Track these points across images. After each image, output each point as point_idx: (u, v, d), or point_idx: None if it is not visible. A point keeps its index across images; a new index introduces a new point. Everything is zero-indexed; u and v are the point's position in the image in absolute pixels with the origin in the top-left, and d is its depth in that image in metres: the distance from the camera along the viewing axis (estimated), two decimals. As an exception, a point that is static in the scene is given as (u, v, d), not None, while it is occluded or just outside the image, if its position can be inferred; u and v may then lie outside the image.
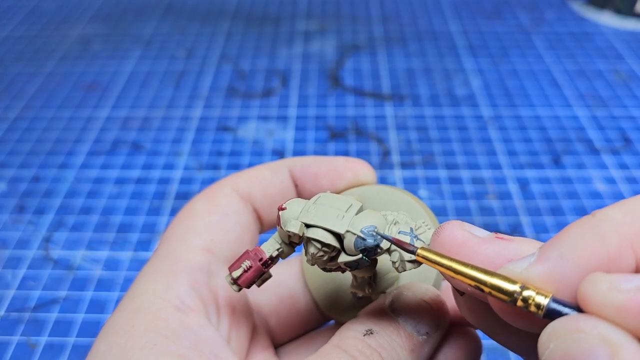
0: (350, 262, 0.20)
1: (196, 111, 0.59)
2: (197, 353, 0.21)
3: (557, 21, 0.74)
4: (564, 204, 0.46)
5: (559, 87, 0.61)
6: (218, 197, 0.26)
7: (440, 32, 0.73)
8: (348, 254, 0.20)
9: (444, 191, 0.48)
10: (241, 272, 0.22)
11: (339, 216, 0.20)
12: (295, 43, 0.71)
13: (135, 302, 0.22)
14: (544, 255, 0.16)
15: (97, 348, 0.21)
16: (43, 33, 0.75)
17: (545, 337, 0.15)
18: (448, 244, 0.18)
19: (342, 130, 0.55)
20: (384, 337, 0.21)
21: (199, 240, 0.25)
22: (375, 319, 0.22)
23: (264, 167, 0.27)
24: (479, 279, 0.16)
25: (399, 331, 0.21)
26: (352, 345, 0.21)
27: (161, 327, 0.21)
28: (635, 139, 0.53)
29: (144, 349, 0.20)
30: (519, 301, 0.15)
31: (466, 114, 0.57)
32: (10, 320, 0.39)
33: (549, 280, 0.15)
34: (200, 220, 0.25)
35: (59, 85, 0.64)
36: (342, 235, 0.20)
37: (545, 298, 0.15)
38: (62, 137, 0.56)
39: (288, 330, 0.28)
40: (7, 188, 0.50)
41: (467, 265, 0.17)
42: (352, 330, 0.22)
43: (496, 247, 0.18)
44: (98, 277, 0.41)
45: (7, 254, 0.43)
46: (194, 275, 0.24)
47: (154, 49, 0.70)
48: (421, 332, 0.21)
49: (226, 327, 0.24)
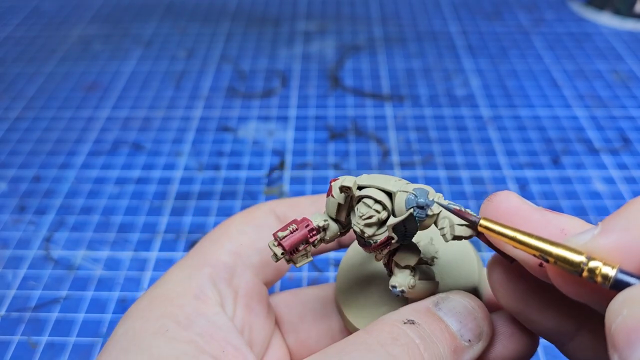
0: (399, 224, 0.20)
1: (196, 111, 0.59)
2: (208, 339, 0.21)
3: (557, 21, 0.75)
4: (563, 204, 0.46)
5: (558, 87, 0.61)
6: (256, 212, 0.27)
7: (440, 33, 0.73)
8: (397, 216, 0.20)
9: (444, 191, 0.48)
10: (287, 234, 0.22)
11: (391, 181, 0.21)
12: (295, 43, 0.71)
13: (157, 290, 0.23)
14: (608, 227, 0.16)
15: (116, 332, 0.22)
16: (43, 33, 0.75)
17: (618, 304, 0.15)
18: (503, 209, 0.18)
19: (342, 131, 0.56)
20: (425, 329, 0.20)
21: (230, 244, 0.25)
22: (417, 313, 0.21)
23: (306, 197, 0.29)
24: (545, 249, 0.17)
25: (443, 328, 0.20)
26: (385, 331, 0.20)
27: (175, 313, 0.22)
28: (634, 139, 0.54)
29: (156, 333, 0.21)
30: (585, 272, 0.16)
31: (466, 114, 0.57)
32: (11, 320, 0.39)
33: (614, 251, 0.16)
34: (234, 228, 0.26)
35: (60, 85, 0.64)
36: (394, 193, 0.20)
37: (613, 269, 0.15)
38: (63, 137, 0.56)
39: (305, 350, 0.28)
40: (8, 188, 0.50)
41: (531, 235, 0.17)
42: (388, 319, 0.20)
43: (548, 216, 0.18)
44: (98, 276, 0.42)
45: (7, 254, 0.43)
46: (217, 271, 0.24)
47: (154, 49, 0.70)
48: (464, 338, 0.20)
49: (240, 322, 0.24)
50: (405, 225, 0.20)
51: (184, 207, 0.47)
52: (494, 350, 0.22)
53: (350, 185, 0.20)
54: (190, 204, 0.48)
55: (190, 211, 0.47)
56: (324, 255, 0.43)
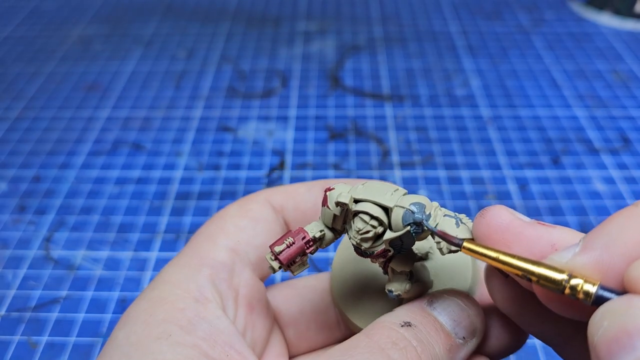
0: (395, 239, 0.20)
1: (196, 111, 0.59)
2: (211, 343, 0.21)
3: (557, 21, 0.75)
4: (563, 204, 0.46)
5: (558, 87, 0.61)
6: (251, 204, 0.27)
7: (440, 33, 0.73)
8: (394, 230, 0.20)
9: (444, 191, 0.48)
10: (284, 248, 0.22)
11: (387, 193, 0.21)
12: (295, 43, 0.71)
13: (155, 292, 0.23)
14: (589, 245, 0.16)
15: (116, 335, 0.22)
16: (44, 33, 0.75)
17: (599, 316, 0.15)
18: (494, 225, 0.19)
19: (342, 131, 0.56)
20: (422, 331, 0.20)
21: (226, 241, 0.25)
22: (412, 314, 0.21)
23: (301, 184, 0.28)
24: (527, 269, 0.17)
25: (438, 328, 0.21)
26: (385, 335, 0.20)
27: (177, 317, 0.21)
28: (634, 139, 0.54)
29: (159, 338, 0.21)
30: (567, 289, 0.16)
31: (466, 114, 0.57)
32: (11, 320, 0.39)
33: (595, 268, 0.16)
34: (230, 223, 0.26)
35: (60, 85, 0.64)
36: (390, 209, 0.20)
37: (594, 286, 0.16)
38: (63, 137, 0.56)
39: (304, 343, 0.28)
40: (8, 188, 0.50)
41: (513, 256, 0.17)
42: (386, 322, 0.21)
43: (539, 231, 0.18)
44: (98, 276, 0.42)
45: (7, 254, 0.43)
46: (216, 271, 0.24)
47: (154, 50, 0.70)
48: (459, 335, 0.21)
49: (242, 324, 0.24)
50: (401, 239, 0.20)
51: (184, 207, 0.47)
52: (487, 344, 0.22)
53: (346, 201, 0.21)
54: (190, 204, 0.48)
55: (190, 211, 0.47)
56: (324, 255, 0.43)
